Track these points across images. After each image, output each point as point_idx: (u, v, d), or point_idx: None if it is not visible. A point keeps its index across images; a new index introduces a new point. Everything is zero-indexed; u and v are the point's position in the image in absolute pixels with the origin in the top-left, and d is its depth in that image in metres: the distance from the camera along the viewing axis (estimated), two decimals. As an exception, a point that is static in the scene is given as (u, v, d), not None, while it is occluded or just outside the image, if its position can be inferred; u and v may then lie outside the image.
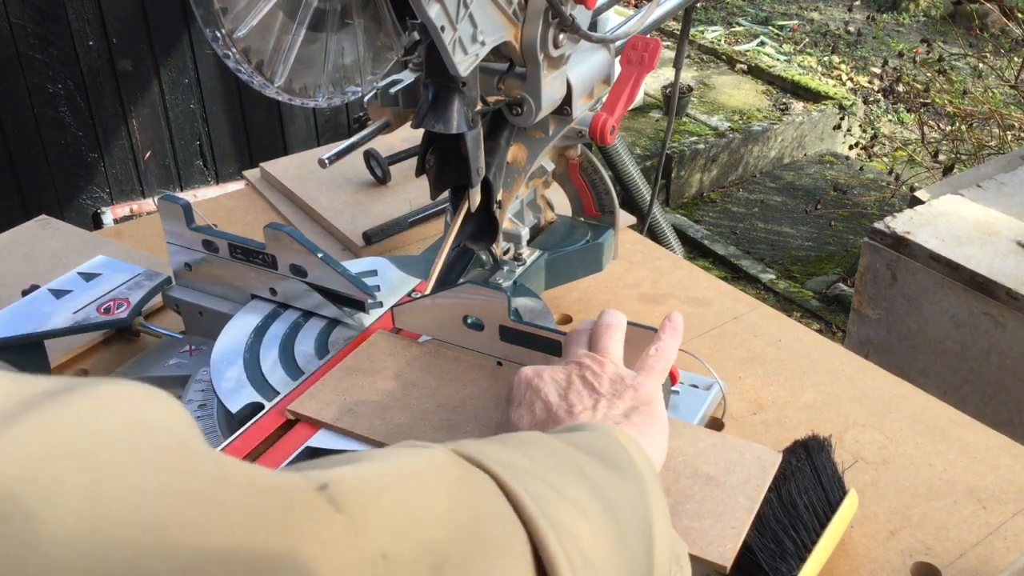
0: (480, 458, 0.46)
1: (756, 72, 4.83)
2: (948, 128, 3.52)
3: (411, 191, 1.33)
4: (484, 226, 0.93)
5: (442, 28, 0.73)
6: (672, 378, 0.79)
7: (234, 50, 0.68)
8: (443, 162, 0.87)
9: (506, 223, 0.99)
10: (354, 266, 0.98)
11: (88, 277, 1.02)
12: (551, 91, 0.89)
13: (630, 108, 0.98)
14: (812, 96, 4.53)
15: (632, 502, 0.55)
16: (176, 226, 0.96)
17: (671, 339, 0.74)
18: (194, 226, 0.95)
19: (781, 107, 4.48)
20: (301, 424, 0.78)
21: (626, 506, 0.54)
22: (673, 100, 1.09)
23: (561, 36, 0.86)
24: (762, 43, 5.36)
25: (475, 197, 0.91)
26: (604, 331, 0.74)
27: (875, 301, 1.71)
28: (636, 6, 5.37)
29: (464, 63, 0.77)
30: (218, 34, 0.67)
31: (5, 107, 2.65)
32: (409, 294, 0.94)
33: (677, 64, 1.08)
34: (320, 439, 0.76)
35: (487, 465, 0.45)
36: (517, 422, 0.67)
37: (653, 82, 4.48)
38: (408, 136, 1.37)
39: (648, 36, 0.97)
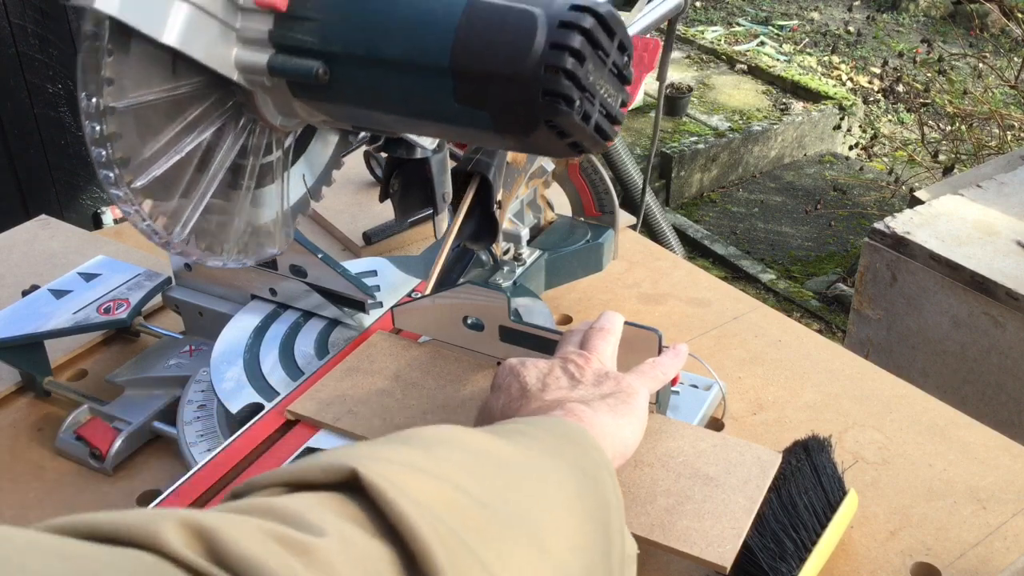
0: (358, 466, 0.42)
1: (756, 72, 4.83)
2: (948, 128, 3.52)
3: (411, 191, 1.33)
4: (484, 226, 0.93)
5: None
6: (672, 379, 0.79)
7: (137, 207, 0.61)
8: (408, 187, 0.83)
9: (506, 223, 0.99)
10: (354, 266, 0.98)
11: (88, 277, 1.02)
12: None
13: (630, 108, 0.98)
14: (812, 96, 4.53)
15: (568, 495, 0.52)
16: (176, 226, 0.96)
17: (671, 359, 0.74)
18: (194, 226, 0.95)
19: (781, 107, 4.48)
20: (301, 425, 0.78)
21: (555, 503, 0.51)
22: (658, 114, 1.09)
23: None
24: (762, 43, 5.36)
25: (442, 224, 0.87)
26: (597, 333, 0.74)
27: (875, 301, 1.71)
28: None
29: (429, 139, 0.76)
30: (117, 185, 0.60)
31: (5, 107, 2.64)
32: (409, 294, 0.94)
33: (661, 76, 1.06)
34: (320, 440, 0.76)
35: (368, 477, 0.41)
36: (493, 404, 0.68)
37: (653, 82, 4.48)
38: (408, 136, 1.37)
39: (648, 36, 0.97)
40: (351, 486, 0.43)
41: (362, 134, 0.88)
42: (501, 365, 0.71)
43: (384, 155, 1.35)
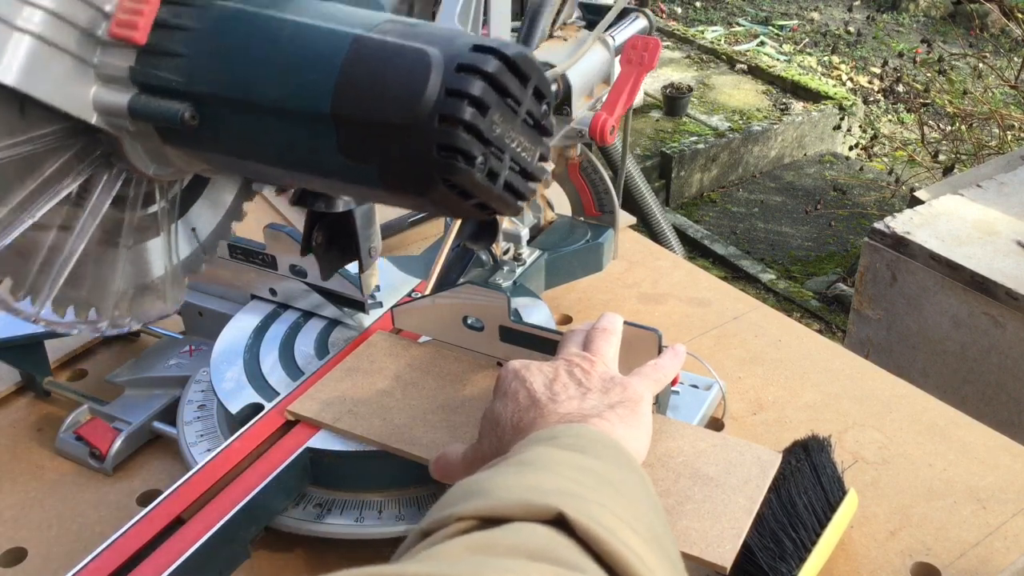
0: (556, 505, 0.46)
1: (756, 72, 4.83)
2: (948, 128, 3.52)
3: (411, 191, 1.33)
4: (484, 226, 0.93)
5: None
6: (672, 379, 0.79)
7: None
8: (332, 240, 0.76)
9: (506, 223, 0.99)
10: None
11: (88, 277, 1.02)
12: None
13: (630, 108, 0.98)
14: (812, 96, 4.53)
15: (653, 504, 0.56)
16: (176, 226, 0.95)
17: (671, 361, 0.74)
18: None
19: (781, 107, 4.48)
20: (301, 425, 0.78)
21: (652, 510, 0.55)
22: (624, 152, 1.08)
23: None
24: (762, 43, 5.36)
25: (370, 280, 0.82)
26: (599, 334, 0.74)
27: (875, 301, 1.71)
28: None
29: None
30: None
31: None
32: (409, 294, 0.94)
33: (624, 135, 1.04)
34: (320, 440, 0.76)
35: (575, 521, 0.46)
36: (501, 411, 0.67)
37: (653, 82, 4.48)
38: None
39: (648, 36, 0.97)
40: (550, 521, 0.47)
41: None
42: (503, 368, 0.70)
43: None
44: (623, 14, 0.96)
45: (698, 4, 5.93)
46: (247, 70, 0.50)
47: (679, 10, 5.84)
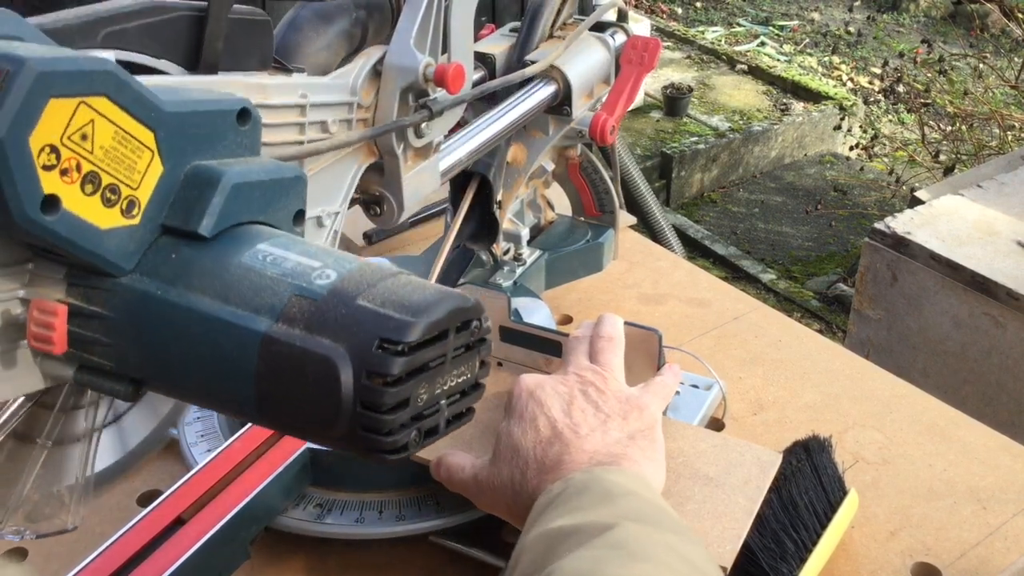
0: None
1: (756, 72, 4.84)
2: (948, 128, 3.52)
3: (411, 191, 1.33)
4: (484, 226, 0.93)
5: None
6: None
7: None
8: None
9: (506, 223, 0.99)
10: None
11: (88, 278, 1.01)
12: (417, 186, 0.75)
13: (630, 108, 0.98)
14: (812, 96, 4.53)
15: (704, 551, 0.57)
16: (176, 227, 0.95)
17: (672, 378, 0.75)
18: (194, 226, 0.95)
19: (781, 107, 4.49)
20: (301, 425, 0.78)
21: (706, 557, 0.56)
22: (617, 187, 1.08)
23: (424, 124, 0.73)
24: (762, 43, 5.36)
25: None
26: (606, 345, 0.74)
27: (875, 301, 1.71)
28: (636, 6, 5.37)
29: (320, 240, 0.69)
30: None
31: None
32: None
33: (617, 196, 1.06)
34: (320, 440, 0.76)
35: None
36: (520, 439, 0.66)
37: (653, 82, 4.48)
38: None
39: (648, 37, 0.97)
40: None
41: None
42: (516, 387, 0.70)
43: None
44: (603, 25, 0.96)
45: (698, 4, 5.93)
46: (170, 366, 0.48)
47: (679, 10, 5.85)
